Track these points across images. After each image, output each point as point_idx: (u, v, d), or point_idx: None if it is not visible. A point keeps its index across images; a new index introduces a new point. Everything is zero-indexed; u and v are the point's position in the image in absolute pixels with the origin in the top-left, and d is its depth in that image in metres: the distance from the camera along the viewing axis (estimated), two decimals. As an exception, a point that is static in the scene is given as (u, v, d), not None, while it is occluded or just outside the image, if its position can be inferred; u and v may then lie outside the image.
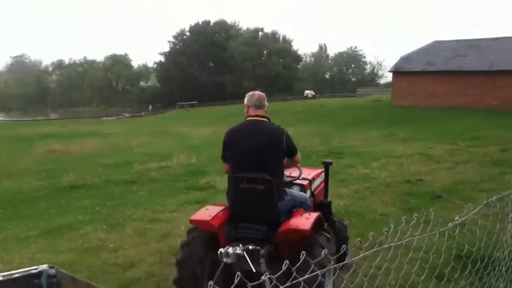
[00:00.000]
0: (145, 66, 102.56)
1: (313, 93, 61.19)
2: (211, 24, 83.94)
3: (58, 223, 6.79)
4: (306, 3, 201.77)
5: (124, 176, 10.79)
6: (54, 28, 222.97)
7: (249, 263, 3.02)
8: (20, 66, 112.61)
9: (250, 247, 3.16)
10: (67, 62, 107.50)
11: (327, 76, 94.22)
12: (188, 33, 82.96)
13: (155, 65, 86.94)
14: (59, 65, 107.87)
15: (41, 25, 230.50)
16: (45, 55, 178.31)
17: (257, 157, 3.42)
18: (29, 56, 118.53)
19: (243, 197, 3.42)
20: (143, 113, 60.98)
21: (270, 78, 77.02)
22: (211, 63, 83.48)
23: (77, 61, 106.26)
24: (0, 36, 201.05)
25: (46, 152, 16.95)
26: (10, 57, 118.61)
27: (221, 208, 3.54)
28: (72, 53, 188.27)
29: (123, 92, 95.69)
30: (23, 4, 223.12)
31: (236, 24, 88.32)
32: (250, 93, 3.91)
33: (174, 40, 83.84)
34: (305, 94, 60.62)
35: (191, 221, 3.42)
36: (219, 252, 3.07)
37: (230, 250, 3.05)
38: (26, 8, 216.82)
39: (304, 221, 3.25)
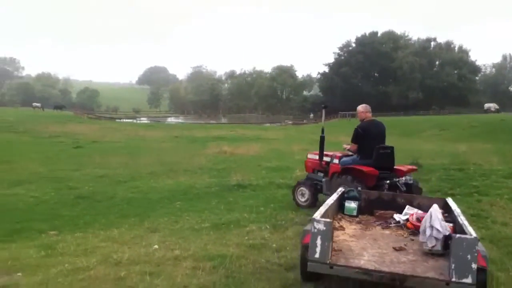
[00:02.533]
0: (309, 76, 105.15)
1: (496, 106, 55.00)
2: (379, 35, 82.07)
3: (227, 219, 7.28)
4: (487, 12, 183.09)
5: (286, 180, 11.11)
6: (229, 43, 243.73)
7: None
8: (198, 75, 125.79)
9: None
10: (238, 72, 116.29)
11: (511, 89, 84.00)
12: (353, 44, 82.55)
13: (319, 75, 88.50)
14: (231, 74, 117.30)
15: (218, 40, 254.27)
16: (220, 66, 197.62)
17: (382, 137, 7.37)
18: (206, 67, 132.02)
19: (382, 156, 7.10)
20: (304, 121, 62.46)
21: (441, 89, 71.88)
22: (376, 73, 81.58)
23: (247, 72, 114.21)
24: (185, 51, 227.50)
25: (217, 152, 18.46)
26: (191, 67, 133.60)
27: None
28: (243, 64, 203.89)
29: (287, 100, 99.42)
30: (205, 26, 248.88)
31: (406, 35, 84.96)
32: (363, 105, 7.77)
33: (339, 51, 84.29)
34: (486, 108, 54.88)
35: None
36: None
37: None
38: (207, 29, 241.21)
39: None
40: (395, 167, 7.22)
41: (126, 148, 21.28)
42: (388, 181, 6.97)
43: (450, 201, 5.29)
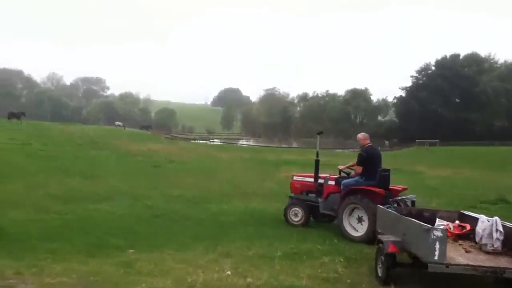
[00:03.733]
0: (384, 100, 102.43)
1: None
2: (461, 57, 78.46)
3: (299, 248, 7.18)
4: None
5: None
6: (303, 65, 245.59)
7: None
8: (270, 97, 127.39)
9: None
10: (310, 95, 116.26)
11: None
12: (433, 67, 79.51)
13: (395, 100, 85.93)
14: (303, 97, 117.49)
15: (292, 62, 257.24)
16: (293, 88, 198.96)
17: (380, 161, 8.70)
18: (279, 89, 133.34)
19: (384, 178, 8.27)
20: (378, 148, 60.56)
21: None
22: (456, 98, 77.67)
23: (319, 94, 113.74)
24: (259, 73, 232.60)
25: (288, 177, 18.36)
26: (263, 90, 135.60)
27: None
28: (316, 87, 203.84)
29: (360, 125, 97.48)
30: (280, 48, 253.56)
31: (491, 57, 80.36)
32: (364, 133, 9.08)
33: (417, 74, 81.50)
34: None
35: None
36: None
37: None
38: (282, 51, 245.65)
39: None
40: (390, 187, 8.49)
41: (199, 169, 21.87)
42: (397, 199, 8.35)
43: (467, 212, 6.86)
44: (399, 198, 8.37)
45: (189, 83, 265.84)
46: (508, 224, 5.74)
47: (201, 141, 59.67)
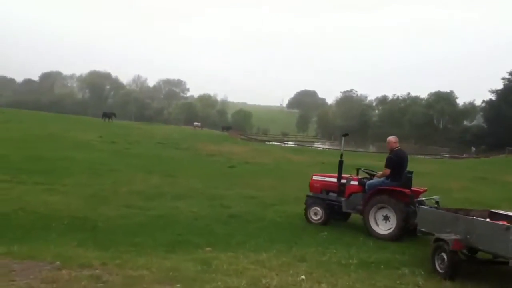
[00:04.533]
0: (471, 104, 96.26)
1: None
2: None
3: (376, 257, 6.94)
4: None
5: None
6: (382, 67, 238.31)
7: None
8: (347, 100, 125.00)
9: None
10: (390, 97, 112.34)
11: None
12: (528, 69, 73.25)
13: (483, 104, 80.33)
14: (382, 100, 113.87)
15: (371, 63, 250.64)
16: (372, 90, 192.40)
17: (407, 164, 9.06)
18: (356, 91, 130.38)
19: (408, 180, 8.80)
20: (464, 155, 56.95)
21: None
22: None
23: (400, 97, 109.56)
24: (336, 74, 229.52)
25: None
26: (340, 92, 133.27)
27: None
28: (396, 90, 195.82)
29: (444, 130, 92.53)
30: (358, 49, 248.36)
31: None
32: (394, 136, 9.57)
33: (509, 76, 75.53)
34: None
35: None
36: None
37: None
38: (359, 52, 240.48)
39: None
40: (412, 188, 8.90)
41: (274, 170, 21.99)
42: (420, 199, 8.68)
43: (498, 210, 7.55)
44: (423, 198, 8.78)
45: (266, 86, 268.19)
46: None
47: (275, 143, 59.96)
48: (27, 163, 16.82)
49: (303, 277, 5.60)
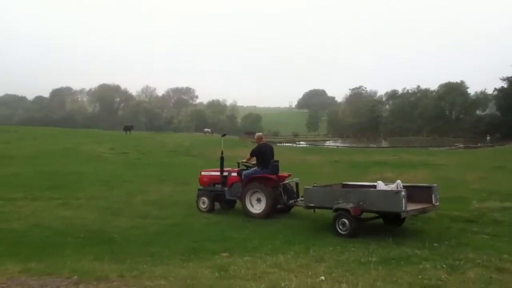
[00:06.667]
0: (483, 93, 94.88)
1: None
2: None
3: (396, 253, 6.81)
4: None
5: (462, 213, 10.00)
6: (391, 61, 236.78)
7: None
8: (356, 96, 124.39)
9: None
10: (400, 91, 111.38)
11: None
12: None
13: (495, 92, 79.17)
14: (392, 95, 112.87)
15: (379, 58, 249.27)
16: (380, 85, 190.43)
17: (272, 154, 10.73)
18: (365, 88, 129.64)
19: (274, 168, 10.47)
20: (479, 144, 56.08)
21: None
22: None
23: (410, 91, 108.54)
24: (344, 72, 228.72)
25: (380, 179, 17.56)
26: (349, 89, 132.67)
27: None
28: (406, 83, 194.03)
29: (456, 121, 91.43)
30: (365, 45, 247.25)
31: None
32: (260, 133, 11.98)
33: (519, 63, 74.46)
34: None
35: None
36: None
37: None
38: (367, 48, 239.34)
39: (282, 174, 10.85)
40: (279, 174, 10.60)
41: (288, 171, 21.82)
42: (284, 182, 10.67)
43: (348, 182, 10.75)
44: (286, 182, 10.73)
45: (274, 88, 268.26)
46: None
47: (287, 144, 59.77)
48: (40, 179, 16.96)
49: (322, 277, 5.50)
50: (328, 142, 78.58)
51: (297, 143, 67.37)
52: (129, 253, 7.04)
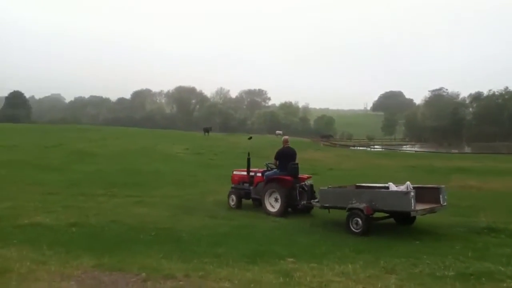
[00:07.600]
0: None
1: None
2: None
3: (476, 268, 6.27)
4: None
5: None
6: (473, 61, 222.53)
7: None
8: (437, 99, 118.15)
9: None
10: (485, 93, 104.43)
11: None
12: None
13: None
14: (477, 97, 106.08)
15: (461, 58, 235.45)
16: (464, 87, 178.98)
17: (292, 157, 11.71)
18: (446, 89, 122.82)
19: (293, 170, 11.37)
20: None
21: None
22: None
23: (496, 92, 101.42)
24: (424, 73, 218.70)
25: (461, 187, 16.60)
26: (429, 91, 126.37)
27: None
28: (492, 84, 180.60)
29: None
30: (446, 44, 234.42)
31: None
32: (286, 137, 12.47)
33: None
34: None
35: None
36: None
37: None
38: (448, 47, 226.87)
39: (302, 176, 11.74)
40: (299, 176, 11.42)
41: (360, 176, 21.14)
42: (302, 184, 11.38)
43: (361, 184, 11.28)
44: (304, 183, 11.41)
45: (348, 89, 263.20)
46: None
47: (360, 148, 58.23)
48: (120, 177, 17.90)
49: (392, 291, 5.20)
50: (405, 146, 75.48)
51: (372, 147, 65.28)
52: (197, 253, 7.13)
